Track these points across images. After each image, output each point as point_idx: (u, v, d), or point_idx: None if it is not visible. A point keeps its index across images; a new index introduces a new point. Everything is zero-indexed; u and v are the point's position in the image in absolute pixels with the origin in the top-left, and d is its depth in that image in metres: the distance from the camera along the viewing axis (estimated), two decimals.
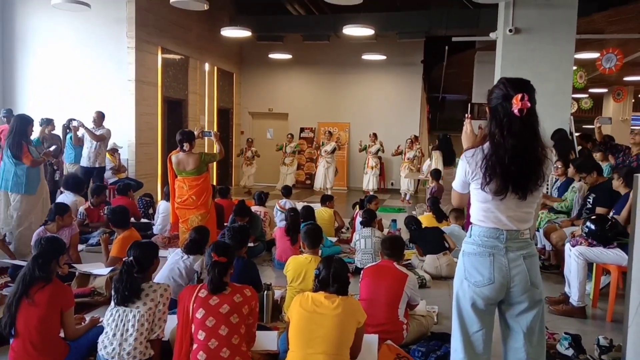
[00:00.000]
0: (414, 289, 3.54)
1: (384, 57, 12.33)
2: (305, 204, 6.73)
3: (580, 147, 7.45)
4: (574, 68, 8.66)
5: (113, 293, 2.91)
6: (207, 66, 11.58)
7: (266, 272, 5.29)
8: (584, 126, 17.21)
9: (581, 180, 5.47)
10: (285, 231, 5.33)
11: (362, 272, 3.75)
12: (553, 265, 5.53)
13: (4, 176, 5.35)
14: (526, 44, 7.00)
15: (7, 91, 9.10)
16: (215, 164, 11.45)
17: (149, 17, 9.12)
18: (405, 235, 6.53)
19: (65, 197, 6.36)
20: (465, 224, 5.94)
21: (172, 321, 3.00)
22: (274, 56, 12.91)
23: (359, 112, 13.42)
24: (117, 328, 2.83)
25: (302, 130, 13.67)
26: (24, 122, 5.46)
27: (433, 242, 5.42)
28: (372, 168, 11.59)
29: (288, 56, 12.82)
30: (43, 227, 4.75)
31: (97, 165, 7.62)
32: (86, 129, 7.46)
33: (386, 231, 6.42)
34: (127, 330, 2.81)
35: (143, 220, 7.06)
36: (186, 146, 5.38)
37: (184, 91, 10.55)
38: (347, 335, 2.60)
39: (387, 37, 11.97)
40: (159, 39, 9.51)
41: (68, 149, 7.68)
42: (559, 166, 5.98)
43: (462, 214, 6.09)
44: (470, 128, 2.48)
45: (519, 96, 2.05)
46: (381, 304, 3.40)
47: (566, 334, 3.48)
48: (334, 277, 2.71)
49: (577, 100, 15.42)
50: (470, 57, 11.99)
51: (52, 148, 6.92)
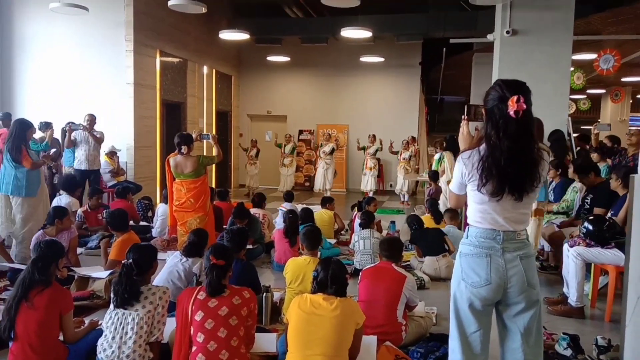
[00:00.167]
0: (413, 290, 3.55)
1: (382, 59, 12.35)
2: (305, 206, 6.74)
3: (578, 148, 7.47)
4: (572, 69, 8.69)
5: (112, 296, 2.91)
6: (205, 69, 11.60)
7: (265, 274, 5.30)
8: (582, 127, 17.24)
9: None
10: (284, 233, 5.34)
11: (360, 273, 3.75)
12: (552, 266, 5.54)
13: (4, 179, 5.38)
14: (523, 46, 7.03)
15: (5, 95, 9.11)
16: (214, 166, 11.45)
17: (147, 21, 9.14)
18: (404, 236, 6.53)
19: (61, 198, 6.40)
20: (464, 225, 5.94)
21: (171, 324, 3.01)
22: (272, 59, 12.93)
23: (357, 114, 13.44)
24: (117, 331, 2.83)
25: (300, 132, 13.69)
26: (23, 126, 5.50)
27: (434, 243, 5.41)
28: (370, 169, 11.60)
29: (286, 59, 12.84)
30: (42, 230, 4.75)
31: (95, 168, 7.65)
32: (90, 132, 7.50)
33: (385, 232, 6.42)
34: (127, 333, 2.82)
35: (142, 223, 7.07)
36: (184, 149, 5.39)
37: (182, 94, 10.56)
38: (345, 336, 2.60)
39: (385, 39, 12.01)
40: (158, 42, 9.53)
41: (67, 152, 7.68)
42: (550, 168, 5.98)
43: (456, 214, 6.09)
44: (466, 130, 2.49)
45: (515, 98, 2.06)
46: (380, 306, 3.41)
47: (564, 334, 3.49)
48: (332, 278, 2.71)
49: (575, 101, 15.42)
50: (468, 59, 12.03)
51: (52, 151, 6.93)
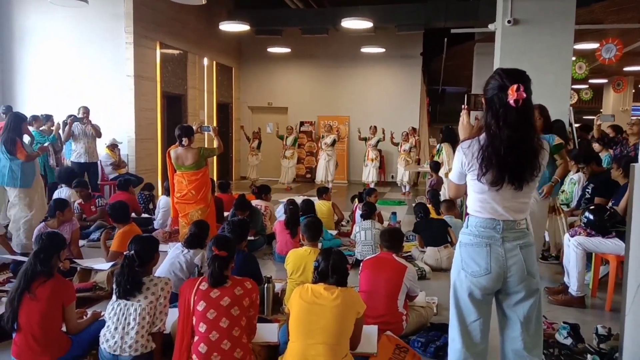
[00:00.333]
0: (413, 280, 3.56)
1: (383, 50, 12.29)
2: (306, 197, 6.74)
3: (579, 139, 7.45)
4: (573, 59, 8.64)
5: (115, 287, 2.93)
6: (205, 61, 11.57)
7: (267, 265, 5.32)
8: (584, 117, 17.19)
9: (579, 171, 5.47)
10: (285, 224, 5.35)
11: (361, 264, 3.76)
12: (553, 255, 5.55)
13: (0, 171, 5.42)
14: (525, 35, 6.97)
15: (6, 88, 9.10)
16: (215, 158, 11.44)
17: (147, 12, 9.10)
18: (405, 228, 6.55)
19: (62, 191, 6.44)
20: (464, 215, 5.95)
21: (173, 314, 3.03)
22: (272, 50, 12.88)
23: (358, 106, 13.40)
24: (119, 321, 2.85)
25: (301, 124, 13.63)
26: (18, 119, 5.59)
27: (437, 233, 5.40)
28: (372, 160, 11.58)
29: (287, 50, 12.79)
30: (44, 223, 4.78)
31: (94, 161, 7.69)
32: (93, 125, 7.51)
33: (386, 223, 6.43)
34: (129, 323, 2.84)
35: (144, 216, 7.09)
36: (185, 141, 5.39)
37: (183, 86, 10.54)
38: (346, 325, 2.62)
39: (386, 29, 11.93)
40: (157, 34, 9.50)
41: (68, 145, 7.68)
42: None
43: (454, 205, 6.10)
44: (466, 119, 2.49)
45: (515, 87, 2.05)
46: (381, 296, 3.42)
47: (565, 323, 3.50)
48: (333, 268, 2.73)
49: (577, 91, 15.39)
50: (469, 49, 11.95)
51: (47, 144, 6.96)
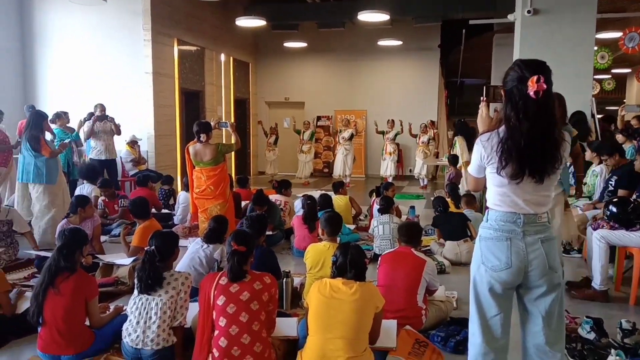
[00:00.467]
0: (433, 274, 3.54)
1: (400, 43, 12.19)
2: (323, 192, 6.74)
3: (602, 130, 7.30)
4: (595, 48, 8.45)
5: (136, 282, 2.97)
6: (222, 57, 11.61)
7: (285, 259, 5.34)
8: (606, 108, 16.83)
9: (601, 163, 5.37)
10: (303, 219, 5.36)
11: (379, 258, 3.75)
12: (575, 249, 5.46)
13: (25, 168, 5.55)
14: (545, 25, 6.84)
15: (28, 87, 9.27)
16: (233, 154, 11.52)
17: (164, 9, 9.17)
18: (423, 222, 6.51)
19: (84, 187, 6.55)
20: (484, 209, 5.89)
21: (193, 309, 3.06)
22: (289, 45, 12.87)
23: (375, 99, 13.33)
24: (141, 316, 2.89)
25: (318, 118, 13.64)
26: (39, 117, 5.72)
27: (457, 227, 5.35)
28: (390, 154, 11.51)
29: (303, 44, 12.77)
30: (66, 219, 4.86)
31: (113, 157, 7.83)
32: (114, 123, 7.62)
33: (404, 218, 6.40)
34: (150, 317, 2.87)
35: (164, 211, 7.18)
36: (203, 137, 5.43)
37: (200, 82, 10.61)
38: (365, 320, 2.61)
39: (403, 22, 11.83)
40: (175, 30, 9.56)
41: (87, 142, 7.80)
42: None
43: (473, 199, 6.04)
44: (485, 111, 2.44)
45: (535, 78, 2.01)
46: (400, 290, 3.41)
47: (588, 317, 3.45)
48: (351, 263, 2.72)
49: (599, 81, 15.04)
50: (488, 40, 11.79)
51: (67, 140, 7.12)
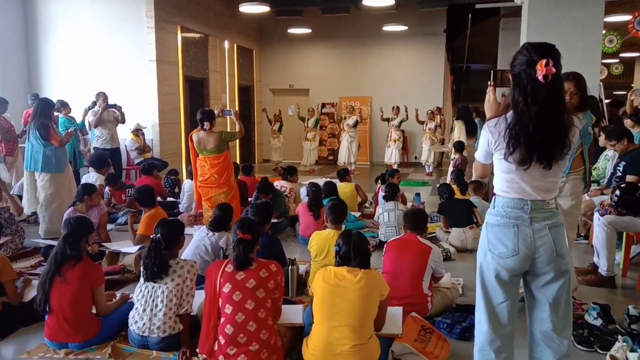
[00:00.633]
0: (438, 261, 3.53)
1: (405, 28, 12.07)
2: (328, 179, 6.72)
3: (610, 115, 7.23)
4: (604, 32, 8.33)
5: (142, 270, 2.98)
6: (226, 44, 11.54)
7: (290, 247, 5.34)
8: (614, 92, 16.64)
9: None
10: (308, 206, 5.35)
11: (385, 245, 3.74)
12: (582, 235, 5.43)
13: (33, 157, 5.51)
14: (553, 9, 6.73)
15: (32, 76, 9.26)
16: (237, 141, 11.50)
17: None
18: (429, 209, 6.49)
19: (90, 175, 6.56)
20: (490, 195, 5.86)
21: (199, 296, 3.07)
22: (293, 31, 12.77)
23: (380, 86, 13.23)
24: (147, 304, 2.90)
25: (323, 105, 13.57)
26: (46, 105, 5.65)
27: (462, 214, 5.33)
28: (394, 141, 11.45)
29: (307, 31, 12.66)
30: (72, 207, 4.87)
31: (117, 146, 7.82)
32: (121, 112, 7.61)
33: (410, 205, 6.38)
34: (157, 305, 2.89)
35: (169, 199, 7.19)
36: (207, 125, 5.41)
37: (204, 70, 10.56)
38: (370, 307, 2.61)
39: (408, 6, 11.68)
40: (178, 17, 9.50)
41: (93, 130, 7.79)
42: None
43: (481, 186, 6.01)
44: (493, 96, 2.41)
45: (544, 62, 1.97)
46: (405, 277, 3.40)
47: (595, 304, 3.44)
48: (354, 251, 2.71)
49: (607, 65, 14.86)
50: (494, 25, 11.66)
51: (71, 129, 7.12)
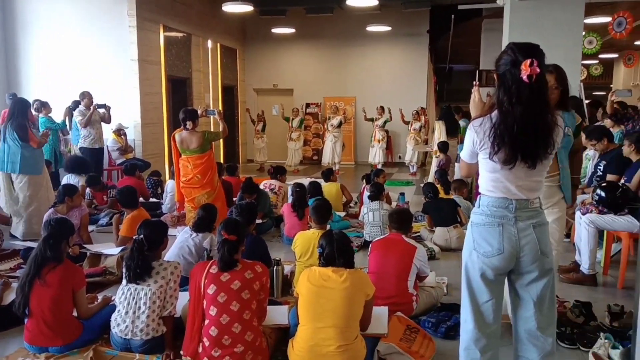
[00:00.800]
0: (424, 260, 3.54)
1: (389, 28, 12.11)
2: (313, 179, 6.71)
3: (590, 115, 7.33)
4: (583, 33, 8.46)
5: (124, 271, 2.93)
6: (209, 43, 11.45)
7: (275, 247, 5.31)
8: (594, 93, 16.94)
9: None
10: (292, 207, 5.33)
11: (370, 245, 3.74)
12: (564, 233, 5.49)
13: (10, 158, 5.37)
14: (534, 10, 6.81)
15: (11, 75, 9.07)
16: (221, 141, 11.43)
17: None
18: (413, 208, 6.52)
19: (70, 177, 6.43)
20: (475, 195, 5.91)
21: (183, 298, 3.04)
22: (277, 31, 12.72)
23: (364, 86, 13.26)
24: (130, 306, 2.86)
25: (307, 105, 13.55)
26: (23, 105, 5.52)
27: (447, 213, 5.38)
28: (378, 141, 11.48)
29: (291, 30, 12.62)
30: (53, 208, 4.77)
31: (102, 146, 7.70)
32: (109, 113, 7.52)
33: (394, 204, 6.40)
34: (140, 307, 2.84)
35: (152, 200, 7.10)
36: (189, 124, 5.35)
37: (187, 69, 10.46)
38: (356, 308, 2.60)
39: (392, 7, 11.73)
40: (161, 16, 9.39)
41: (74, 131, 7.66)
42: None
43: (463, 185, 6.07)
44: (478, 96, 2.42)
45: (528, 62, 1.98)
46: (390, 277, 3.41)
47: (577, 301, 3.48)
48: (338, 251, 2.69)
49: (586, 66, 15.11)
50: (477, 26, 11.74)
51: (47, 129, 6.99)
